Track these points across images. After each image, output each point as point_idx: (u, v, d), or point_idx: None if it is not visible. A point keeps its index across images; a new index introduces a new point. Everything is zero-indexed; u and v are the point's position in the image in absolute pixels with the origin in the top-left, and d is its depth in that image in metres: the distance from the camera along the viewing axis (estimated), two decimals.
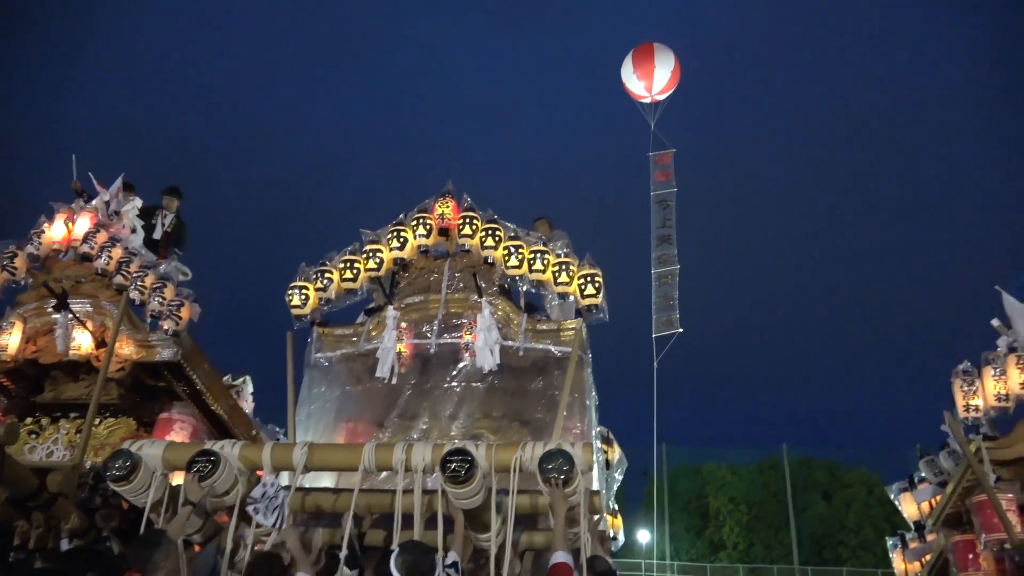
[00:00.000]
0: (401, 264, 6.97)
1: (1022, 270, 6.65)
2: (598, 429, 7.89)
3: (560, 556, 3.75)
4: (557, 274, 6.55)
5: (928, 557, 7.84)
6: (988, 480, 5.61)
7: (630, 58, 20.60)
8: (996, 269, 7.14)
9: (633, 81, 20.58)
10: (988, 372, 6.15)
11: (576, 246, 7.04)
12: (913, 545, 8.19)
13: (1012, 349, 6.08)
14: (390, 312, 6.59)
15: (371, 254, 6.88)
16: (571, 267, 6.55)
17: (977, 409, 6.11)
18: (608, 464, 8.87)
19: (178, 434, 6.46)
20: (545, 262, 6.62)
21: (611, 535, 9.79)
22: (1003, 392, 6.03)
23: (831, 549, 36.89)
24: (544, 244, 6.81)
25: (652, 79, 20.33)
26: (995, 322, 6.45)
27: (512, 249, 6.61)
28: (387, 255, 6.85)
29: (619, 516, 10.16)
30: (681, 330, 22.29)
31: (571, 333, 6.46)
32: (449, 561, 3.79)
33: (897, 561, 8.51)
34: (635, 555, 35.40)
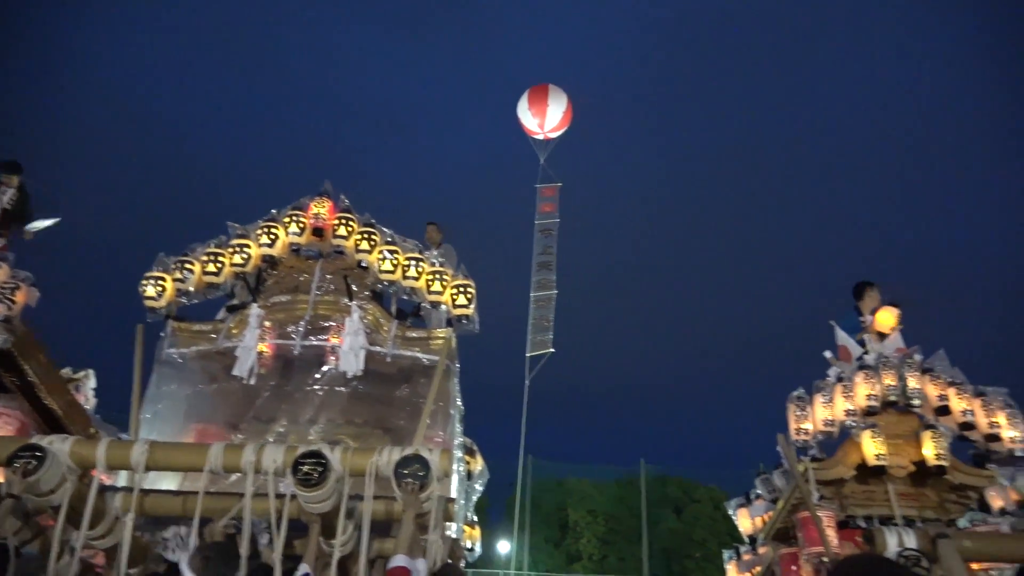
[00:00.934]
0: (270, 261, 6.75)
1: (852, 308, 7.30)
2: (461, 439, 7.94)
3: (399, 560, 3.74)
4: (431, 282, 6.57)
5: (758, 568, 8.42)
6: (811, 498, 6.11)
7: (526, 96, 21.93)
8: (833, 306, 7.82)
9: (527, 118, 21.79)
10: (818, 399, 6.73)
11: (461, 260, 7.12)
12: (746, 557, 8.79)
13: (839, 379, 6.69)
14: (254, 310, 6.36)
15: (238, 249, 6.61)
16: (445, 276, 6.60)
17: (807, 432, 6.67)
18: (470, 475, 8.93)
19: (2, 429, 5.91)
20: (420, 269, 6.62)
21: (469, 546, 9.84)
22: (830, 418, 6.61)
23: (679, 562, 38.81)
24: (421, 251, 6.82)
25: (545, 117, 21.63)
26: (827, 354, 7.09)
27: (387, 254, 6.57)
28: (255, 251, 6.62)
29: (477, 527, 10.23)
30: (553, 351, 23.63)
31: (440, 342, 6.48)
32: (300, 574, 3.70)
33: (731, 572, 9.09)
34: (494, 566, 35.68)
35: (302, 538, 3.98)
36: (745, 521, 8.92)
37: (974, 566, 6.80)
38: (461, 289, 6.52)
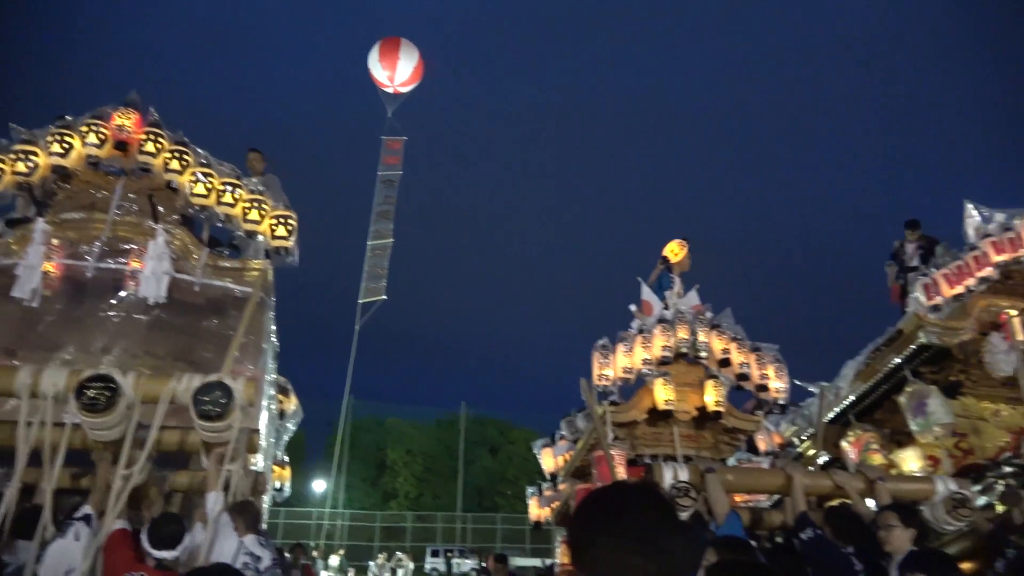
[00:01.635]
0: (61, 173, 6.07)
1: (658, 265, 7.91)
2: (274, 377, 7.74)
3: (211, 498, 3.66)
4: (248, 210, 6.24)
5: (556, 503, 9.08)
6: (606, 439, 6.64)
7: (377, 47, 21.32)
8: (643, 263, 8.41)
9: (378, 69, 21.24)
10: (620, 348, 7.28)
11: (296, 198, 6.77)
12: (547, 493, 9.43)
13: (641, 331, 7.27)
14: (39, 225, 5.72)
15: (23, 156, 5.88)
16: (264, 206, 6.30)
17: (608, 378, 7.22)
18: (282, 414, 8.74)
19: None
20: (237, 196, 6.27)
21: (278, 486, 9.68)
22: (629, 366, 7.20)
23: (491, 498, 40.65)
24: (239, 177, 6.44)
25: (395, 71, 21.17)
26: (632, 307, 7.66)
27: (200, 176, 6.15)
28: (44, 160, 5.92)
29: (288, 467, 10.06)
30: (385, 298, 23.83)
31: (255, 274, 6.22)
32: (80, 514, 3.46)
33: (533, 507, 9.73)
34: (310, 505, 35.37)
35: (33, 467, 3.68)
36: (548, 460, 9.52)
37: (737, 497, 7.78)
38: (281, 220, 6.27)
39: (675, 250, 7.80)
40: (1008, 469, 7.22)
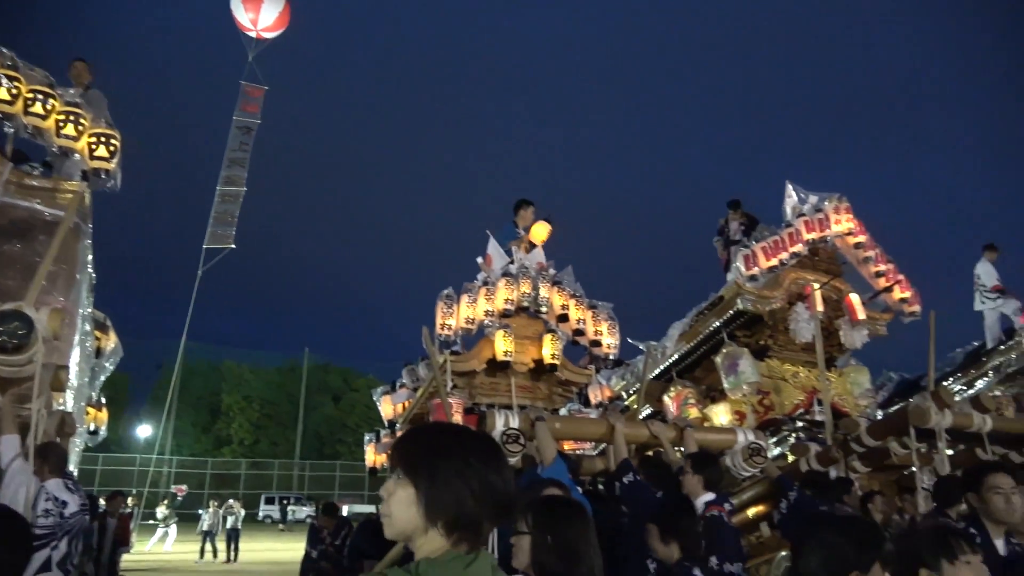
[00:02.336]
0: None
1: (511, 222, 8.00)
2: (90, 311, 7.11)
3: (5, 441, 3.34)
4: (62, 124, 5.61)
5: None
6: (445, 387, 6.72)
7: None
8: (492, 216, 8.48)
9: (240, 11, 19.94)
10: (464, 299, 7.34)
11: (146, 131, 6.12)
12: (384, 440, 9.46)
13: (485, 283, 7.36)
14: None
15: None
16: (83, 121, 5.68)
17: (451, 328, 7.28)
18: (99, 352, 8.09)
19: None
20: (49, 107, 5.60)
21: (92, 428, 9.01)
22: (472, 316, 7.28)
23: (331, 445, 40.21)
24: (52, 86, 5.75)
25: (259, 14, 19.94)
26: (479, 259, 7.72)
27: (3, 80, 5.43)
28: None
29: (105, 409, 9.38)
30: (234, 246, 22.82)
31: (69, 196, 5.62)
32: None
33: (369, 453, 9.72)
34: (133, 450, 33.32)
35: None
36: (388, 407, 9.52)
37: (566, 444, 8.20)
38: (102, 139, 5.69)
39: (543, 238, 7.96)
40: (800, 424, 8.12)
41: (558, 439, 6.38)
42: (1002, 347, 10.57)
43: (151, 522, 21.50)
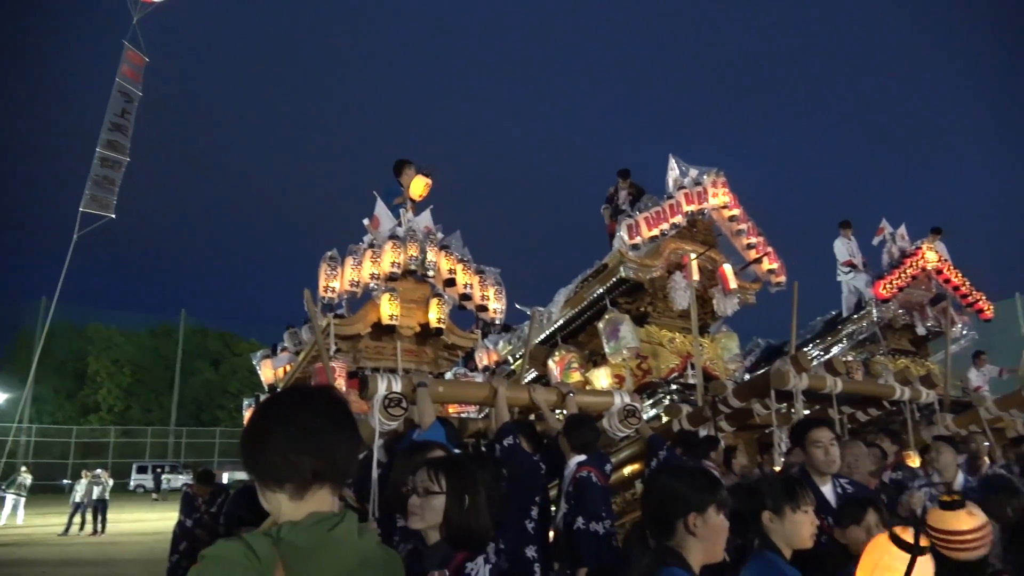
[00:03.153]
0: None
1: (395, 182, 7.83)
2: None
3: None
4: None
5: None
6: (327, 351, 6.58)
7: None
8: (378, 178, 8.26)
9: None
10: (349, 261, 7.17)
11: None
12: None
13: (371, 245, 7.21)
14: None
15: None
16: None
17: (334, 291, 7.10)
18: None
19: None
20: None
21: None
22: (356, 279, 7.13)
23: (210, 412, 38.65)
24: None
25: None
26: (366, 221, 7.54)
27: None
28: None
29: None
30: (113, 216, 21.83)
31: None
32: None
33: (247, 419, 9.43)
34: None
35: None
36: (268, 371, 9.24)
37: (451, 408, 8.26)
38: None
39: (421, 193, 7.81)
40: (674, 387, 8.53)
41: (442, 402, 6.42)
42: (855, 316, 11.50)
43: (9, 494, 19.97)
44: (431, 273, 7.34)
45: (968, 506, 2.74)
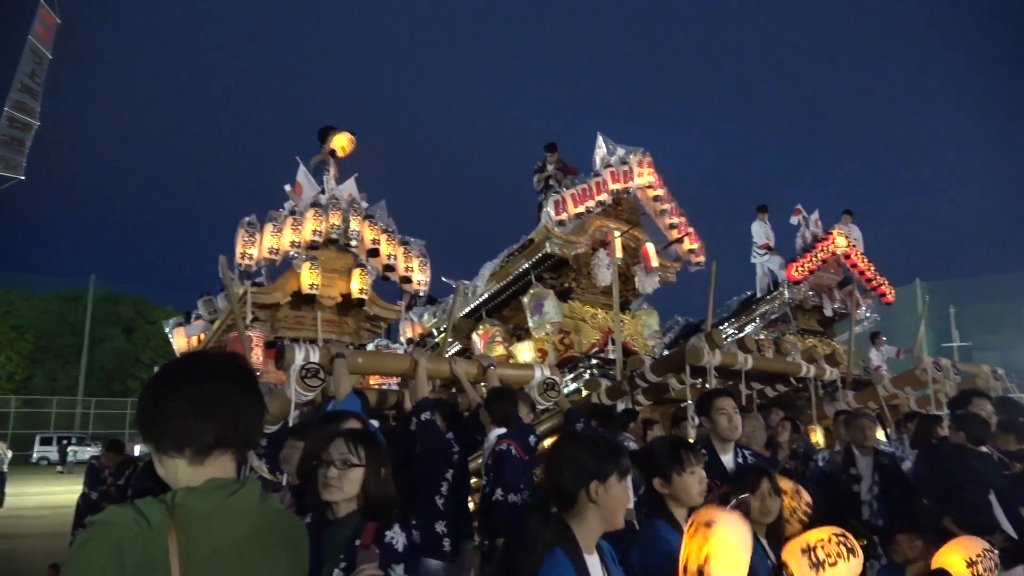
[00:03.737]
0: None
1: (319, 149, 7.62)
2: None
3: None
4: None
5: None
6: (243, 319, 6.39)
7: None
8: (300, 144, 8.02)
9: None
10: (269, 228, 6.97)
11: None
12: None
13: (292, 212, 7.02)
14: None
15: None
16: None
17: (252, 258, 6.89)
18: None
19: None
20: None
21: None
22: (276, 247, 6.94)
23: (121, 381, 37.05)
24: None
25: None
26: (287, 187, 7.33)
27: None
28: None
29: None
30: (23, 178, 20.71)
31: None
32: None
33: None
34: None
35: None
36: (181, 339, 8.92)
37: (372, 379, 8.18)
38: None
39: (344, 146, 7.61)
40: (595, 361, 8.69)
41: (362, 374, 6.35)
42: (768, 297, 11.96)
43: None
44: (354, 243, 7.22)
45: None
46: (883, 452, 4.85)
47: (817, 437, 6.40)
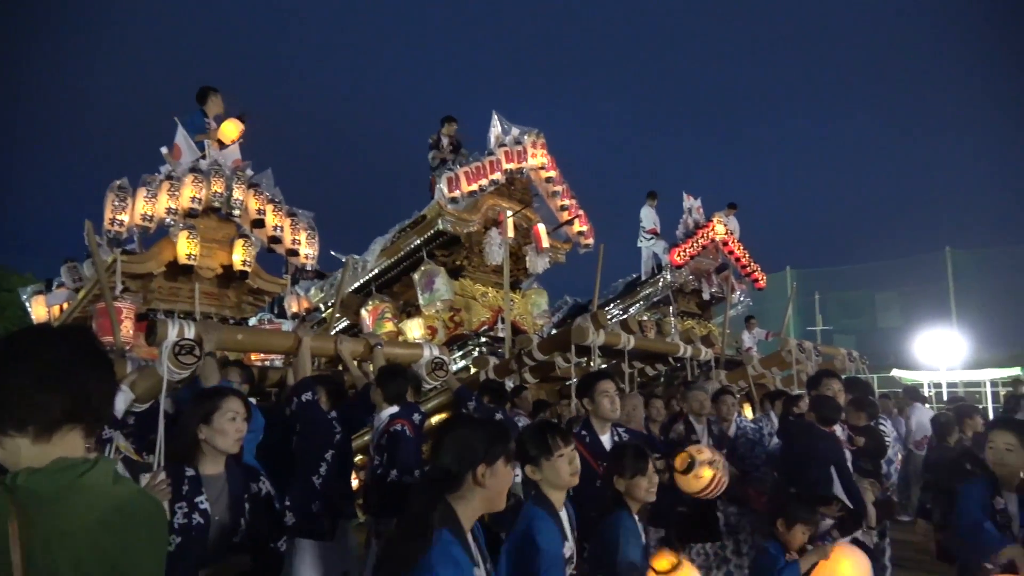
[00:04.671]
0: None
1: (198, 110, 7.17)
2: None
3: None
4: None
5: None
6: (111, 289, 5.97)
7: None
8: (179, 103, 7.53)
9: None
10: (141, 193, 6.51)
11: None
12: None
13: (169, 177, 6.59)
14: None
15: None
16: None
17: (122, 224, 6.43)
18: None
19: None
20: None
21: None
22: (150, 213, 6.49)
23: None
24: None
25: None
26: (164, 150, 6.86)
27: None
28: None
29: None
30: None
31: None
32: None
33: None
34: None
35: None
36: (40, 309, 8.26)
37: (253, 356, 7.88)
38: None
39: (233, 136, 7.21)
40: (484, 339, 8.76)
41: (242, 351, 6.10)
42: (652, 280, 12.44)
43: None
44: (237, 212, 6.88)
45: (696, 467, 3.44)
46: (713, 420, 5.38)
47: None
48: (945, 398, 18.23)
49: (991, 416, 13.19)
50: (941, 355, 23.72)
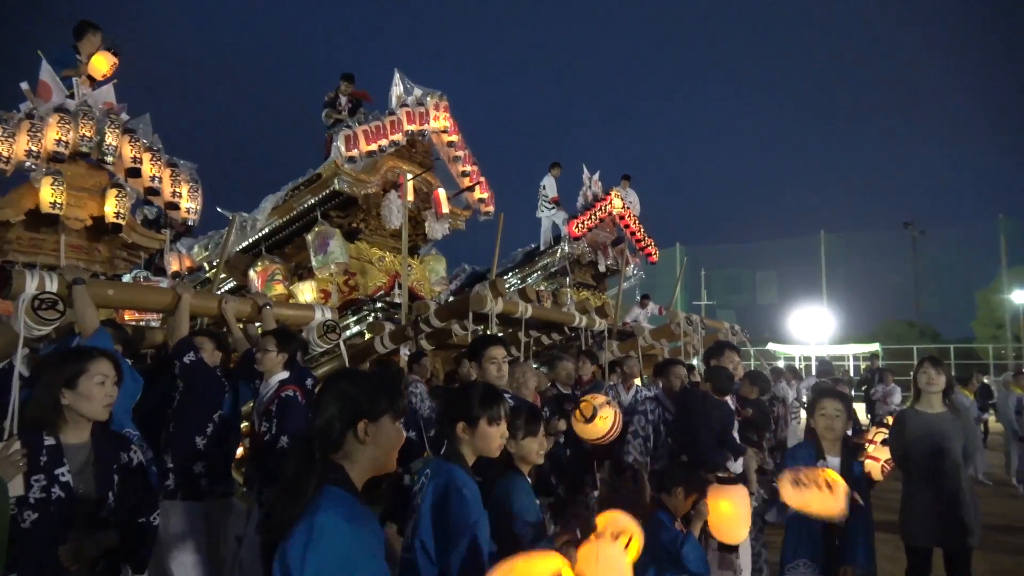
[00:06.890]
0: None
1: (71, 46, 6.50)
2: None
3: None
4: None
5: None
6: None
7: None
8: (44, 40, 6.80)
9: None
10: None
11: None
12: None
13: (30, 116, 5.96)
14: None
15: None
16: None
17: None
18: None
19: None
20: None
21: None
22: (7, 155, 5.85)
23: None
24: None
25: None
26: (24, 85, 6.18)
27: None
28: None
29: None
30: None
31: None
32: None
33: None
34: None
35: None
36: None
37: (127, 315, 7.35)
38: None
39: (104, 71, 6.56)
40: (380, 305, 8.54)
41: (114, 307, 5.65)
42: (550, 250, 12.54)
43: None
44: (110, 159, 6.31)
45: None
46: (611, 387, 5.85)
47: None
48: (814, 372, 19.56)
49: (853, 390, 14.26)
50: (812, 331, 25.38)
